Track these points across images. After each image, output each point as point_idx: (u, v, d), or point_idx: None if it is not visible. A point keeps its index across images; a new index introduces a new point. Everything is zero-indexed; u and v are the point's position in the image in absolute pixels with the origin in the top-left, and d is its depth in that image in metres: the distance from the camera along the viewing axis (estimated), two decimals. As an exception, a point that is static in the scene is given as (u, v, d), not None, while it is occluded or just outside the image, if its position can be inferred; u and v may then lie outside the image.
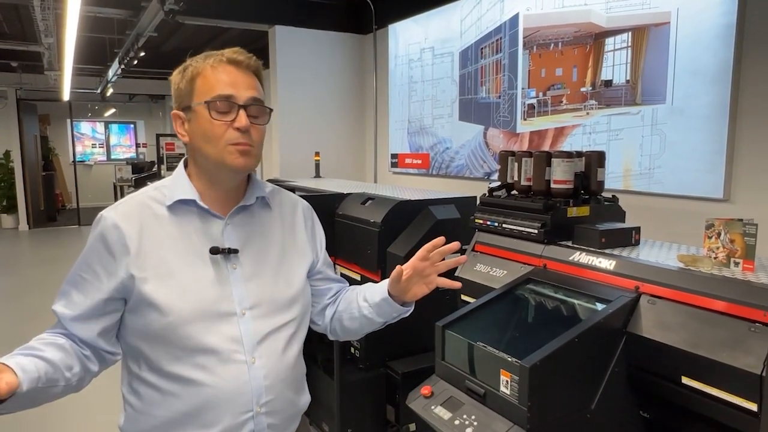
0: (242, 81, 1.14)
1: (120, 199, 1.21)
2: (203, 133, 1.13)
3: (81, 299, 1.12)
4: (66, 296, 1.14)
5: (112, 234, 1.12)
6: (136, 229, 1.13)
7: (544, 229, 1.78)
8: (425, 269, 1.23)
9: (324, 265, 1.38)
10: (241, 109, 1.11)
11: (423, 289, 1.25)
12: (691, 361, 1.28)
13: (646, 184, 3.14)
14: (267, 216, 1.26)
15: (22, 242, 9.60)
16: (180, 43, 7.52)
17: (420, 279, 1.24)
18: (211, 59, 1.14)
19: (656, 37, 3.03)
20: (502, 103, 4.16)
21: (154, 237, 1.13)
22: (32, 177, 10.60)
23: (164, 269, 1.12)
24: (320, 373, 2.64)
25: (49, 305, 1.16)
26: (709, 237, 1.46)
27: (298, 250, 1.29)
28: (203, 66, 1.14)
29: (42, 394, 1.03)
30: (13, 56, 8.24)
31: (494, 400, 1.39)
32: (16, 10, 6.20)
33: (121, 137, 15.29)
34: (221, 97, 1.11)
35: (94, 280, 1.12)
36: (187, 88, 1.15)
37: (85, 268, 1.14)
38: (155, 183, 1.23)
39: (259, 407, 1.16)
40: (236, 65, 1.14)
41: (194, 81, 1.14)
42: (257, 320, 1.17)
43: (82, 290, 1.13)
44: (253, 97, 1.14)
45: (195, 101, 1.13)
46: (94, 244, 1.14)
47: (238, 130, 1.11)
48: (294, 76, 5.59)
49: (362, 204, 2.65)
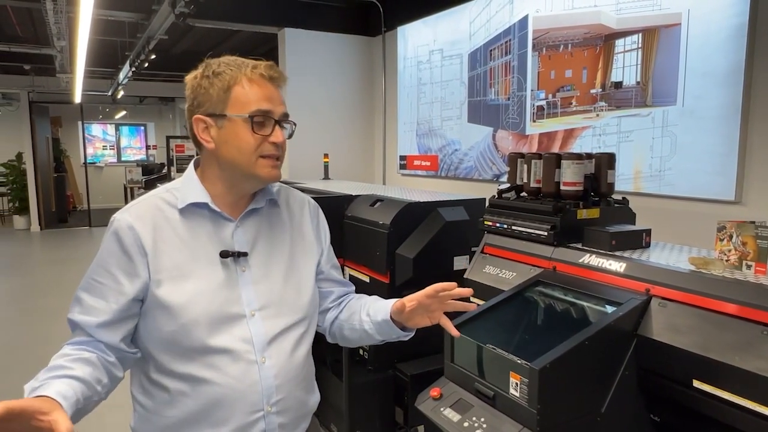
0: (277, 96, 1.16)
1: (131, 201, 1.21)
2: (237, 144, 1.13)
3: (103, 305, 1.12)
4: (82, 304, 1.13)
5: (127, 236, 1.12)
6: (150, 231, 1.13)
7: (554, 231, 1.78)
8: (431, 305, 1.21)
9: (328, 265, 1.37)
10: (277, 125, 1.14)
11: (425, 321, 1.23)
12: (702, 365, 1.28)
13: (656, 186, 3.12)
14: (276, 216, 1.27)
15: (33, 243, 9.70)
16: (190, 45, 7.57)
17: (424, 312, 1.22)
18: (247, 70, 1.14)
19: (667, 38, 3.01)
20: (512, 105, 4.15)
21: (167, 239, 1.14)
22: (44, 179, 10.71)
23: (177, 272, 1.13)
24: (329, 375, 2.65)
25: (59, 305, 1.16)
26: (720, 239, 1.45)
27: (306, 248, 1.30)
28: (240, 76, 1.13)
29: (76, 416, 0.99)
30: (25, 59, 8.33)
31: (504, 402, 1.39)
32: (30, 14, 6.28)
33: (132, 139, 15.42)
34: (261, 112, 1.13)
35: (114, 283, 1.12)
36: (221, 96, 1.13)
37: (102, 273, 1.13)
38: (166, 185, 1.23)
39: (270, 406, 1.16)
40: (272, 81, 1.16)
41: (230, 90, 1.13)
42: (267, 321, 1.18)
43: (102, 295, 1.12)
44: (286, 113, 1.17)
45: (231, 112, 1.13)
46: (109, 248, 1.13)
47: (273, 144, 1.14)
48: (303, 78, 5.61)
49: (371, 206, 2.65)
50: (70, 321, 1.14)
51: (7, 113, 11.45)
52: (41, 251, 9.16)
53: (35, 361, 4.43)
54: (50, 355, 1.10)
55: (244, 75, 1.14)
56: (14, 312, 5.68)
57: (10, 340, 4.81)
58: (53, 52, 6.41)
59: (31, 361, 4.26)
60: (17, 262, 8.19)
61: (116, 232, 1.13)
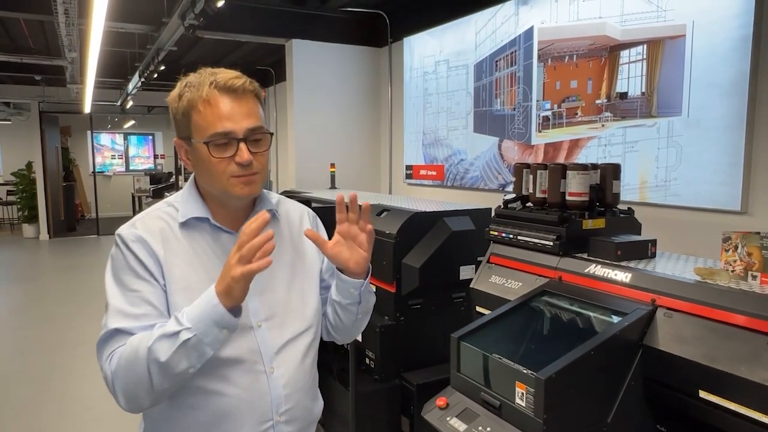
0: (239, 111, 1.10)
1: (134, 217, 1.19)
2: (206, 168, 1.12)
3: (146, 308, 1.09)
4: (122, 315, 1.08)
5: (139, 248, 1.12)
6: (160, 242, 1.14)
7: (560, 242, 1.79)
8: (350, 230, 1.18)
9: (328, 273, 1.36)
10: (241, 143, 1.09)
11: (360, 253, 1.18)
12: (708, 375, 1.28)
13: (662, 197, 3.12)
14: (275, 228, 1.26)
15: (42, 251, 9.77)
16: (199, 56, 7.65)
17: (352, 242, 1.18)
18: (204, 89, 1.09)
19: (672, 49, 3.03)
20: (517, 115, 4.17)
21: (175, 251, 1.14)
22: (53, 187, 10.80)
23: (185, 284, 1.13)
24: (335, 384, 2.65)
25: (68, 312, 1.15)
26: (726, 250, 1.45)
27: (308, 258, 1.30)
28: (196, 99, 1.10)
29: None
30: (37, 70, 8.44)
31: (510, 412, 1.40)
32: (42, 26, 6.37)
33: (140, 148, 15.54)
34: (219, 135, 1.08)
35: (146, 286, 1.10)
36: (184, 121, 1.13)
37: (132, 281, 1.10)
38: (167, 199, 1.23)
39: (279, 416, 1.17)
40: (231, 94, 1.10)
41: (189, 115, 1.11)
42: (273, 331, 1.18)
43: (140, 302, 1.09)
44: (252, 128, 1.11)
45: (193, 138, 1.12)
46: (124, 263, 1.11)
47: (239, 164, 1.10)
48: (310, 89, 5.66)
49: (377, 215, 2.67)
50: (111, 332, 1.07)
51: (17, 123, 11.58)
52: (50, 259, 9.22)
53: (43, 367, 4.47)
54: (58, 361, 1.10)
55: (200, 97, 1.09)
56: (23, 319, 5.71)
57: (19, 346, 4.84)
58: (64, 63, 6.49)
59: (39, 367, 4.30)
60: (26, 270, 8.25)
61: (127, 245, 1.12)
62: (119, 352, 1.06)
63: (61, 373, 4.21)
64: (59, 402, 3.74)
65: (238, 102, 1.11)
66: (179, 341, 1.00)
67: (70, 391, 3.93)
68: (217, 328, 1.01)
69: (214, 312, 1.00)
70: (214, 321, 1.00)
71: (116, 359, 1.05)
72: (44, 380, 4.07)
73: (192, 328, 1.00)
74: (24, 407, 3.67)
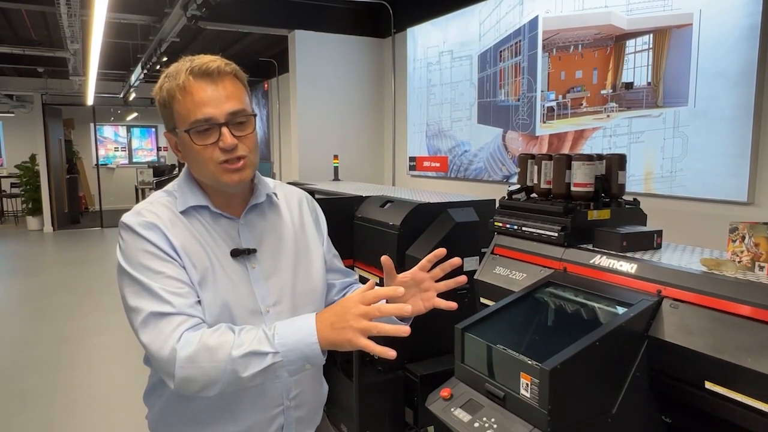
0: (218, 95, 1.07)
1: (137, 205, 1.16)
2: (194, 157, 1.11)
3: (178, 285, 1.05)
4: (157, 298, 1.03)
5: (153, 234, 1.09)
6: (170, 227, 1.12)
7: (564, 233, 1.78)
8: (424, 281, 1.16)
9: (329, 255, 1.36)
10: (223, 128, 1.07)
11: (419, 306, 1.15)
12: (714, 366, 1.27)
13: (668, 187, 3.10)
14: (276, 212, 1.26)
15: (46, 244, 9.81)
16: (201, 47, 7.63)
17: (418, 292, 1.16)
18: (181, 76, 1.07)
19: (678, 38, 2.99)
20: (521, 106, 4.14)
21: (182, 236, 1.13)
22: (57, 180, 10.83)
23: (196, 270, 1.11)
24: (339, 375, 2.66)
25: (72, 304, 1.14)
26: (733, 241, 1.44)
27: (309, 241, 1.30)
28: (174, 89, 1.08)
29: None
30: (39, 62, 8.44)
31: (514, 403, 1.39)
32: (44, 17, 6.36)
33: (143, 141, 15.55)
34: (199, 122, 1.07)
35: (170, 266, 1.06)
36: (167, 113, 1.12)
37: (152, 264, 1.06)
38: (165, 188, 1.21)
39: (289, 400, 1.18)
40: (207, 78, 1.07)
41: (171, 105, 1.10)
42: (281, 315, 1.17)
43: (170, 280, 1.05)
44: (232, 111, 1.08)
45: (177, 128, 1.11)
46: (140, 248, 1.07)
47: (223, 150, 1.08)
48: (313, 80, 5.64)
49: (381, 207, 2.67)
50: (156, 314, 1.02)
51: (20, 115, 11.59)
52: (54, 252, 9.26)
53: (48, 359, 4.49)
54: (64, 353, 1.09)
55: (178, 86, 1.07)
56: (28, 311, 5.74)
57: (25, 338, 4.87)
58: (67, 55, 6.48)
59: (43, 359, 4.32)
60: (31, 263, 8.28)
61: (138, 233, 1.08)
62: (190, 339, 1.00)
63: (68, 364, 4.23)
64: (66, 393, 3.77)
65: (216, 86, 1.08)
66: (265, 364, 0.97)
67: (77, 382, 3.95)
68: (304, 361, 0.98)
69: (309, 348, 0.97)
70: (305, 355, 0.98)
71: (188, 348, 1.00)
72: (51, 372, 4.10)
73: (281, 354, 0.97)
74: (32, 399, 3.70)
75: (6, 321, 5.50)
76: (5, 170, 12.68)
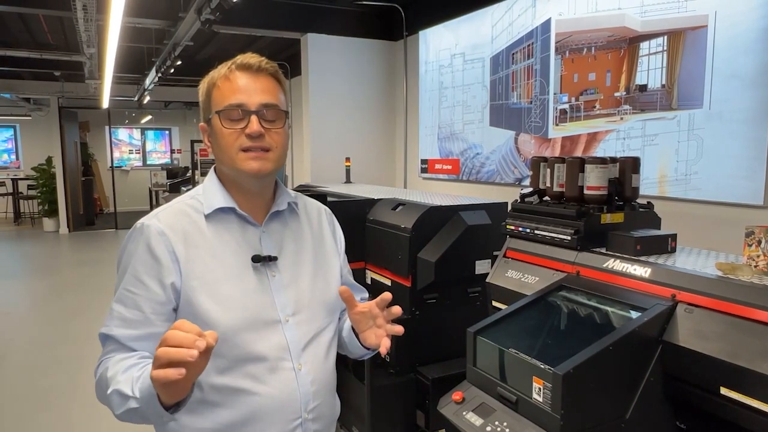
0: (255, 86, 1.12)
1: (157, 208, 1.18)
2: (219, 142, 1.13)
3: (139, 315, 1.08)
4: (118, 318, 1.09)
5: (158, 242, 1.09)
6: (181, 237, 1.11)
7: (578, 236, 1.77)
8: (378, 317, 1.15)
9: (345, 270, 1.37)
10: (252, 116, 1.11)
11: (372, 338, 1.16)
12: (730, 372, 1.26)
13: (682, 191, 3.07)
14: (296, 222, 1.27)
15: (62, 245, 9.93)
16: (215, 51, 7.69)
17: (372, 323, 1.16)
18: (224, 69, 1.14)
19: (693, 40, 2.97)
20: (534, 109, 4.13)
21: (197, 245, 1.12)
22: (72, 182, 10.96)
23: (210, 277, 1.11)
24: (351, 378, 2.66)
25: (87, 304, 1.15)
26: (748, 245, 1.42)
27: (328, 253, 1.31)
28: (216, 78, 1.15)
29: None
30: (56, 66, 8.56)
31: (526, 407, 1.39)
32: (61, 22, 6.45)
33: (157, 143, 15.69)
34: (232, 105, 1.11)
35: (147, 292, 1.09)
36: (206, 101, 1.16)
37: (134, 282, 1.09)
38: (189, 192, 1.22)
39: (307, 413, 1.16)
40: (247, 70, 1.13)
41: (210, 93, 1.15)
42: (300, 326, 1.17)
43: (136, 306, 1.09)
44: (265, 103, 1.12)
45: (211, 113, 1.14)
46: (139, 255, 1.10)
47: (249, 136, 1.10)
48: (325, 83, 5.66)
49: (393, 209, 2.67)
50: (104, 336, 1.09)
51: (37, 118, 11.77)
52: (69, 253, 9.38)
53: (62, 359, 4.54)
54: (85, 352, 1.11)
55: (220, 75, 1.14)
56: (43, 311, 5.82)
57: (39, 338, 4.94)
58: (83, 59, 6.57)
59: (57, 358, 4.37)
60: (46, 263, 8.40)
61: (146, 238, 1.10)
62: (104, 364, 1.07)
63: (87, 364, 4.27)
64: (86, 392, 3.79)
65: (254, 78, 1.14)
66: (127, 406, 0.98)
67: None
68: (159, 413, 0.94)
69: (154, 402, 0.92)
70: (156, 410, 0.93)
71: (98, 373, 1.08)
72: (70, 371, 4.15)
73: (139, 400, 0.95)
74: (52, 398, 3.75)
75: (25, 320, 5.59)
76: (22, 172, 12.87)
